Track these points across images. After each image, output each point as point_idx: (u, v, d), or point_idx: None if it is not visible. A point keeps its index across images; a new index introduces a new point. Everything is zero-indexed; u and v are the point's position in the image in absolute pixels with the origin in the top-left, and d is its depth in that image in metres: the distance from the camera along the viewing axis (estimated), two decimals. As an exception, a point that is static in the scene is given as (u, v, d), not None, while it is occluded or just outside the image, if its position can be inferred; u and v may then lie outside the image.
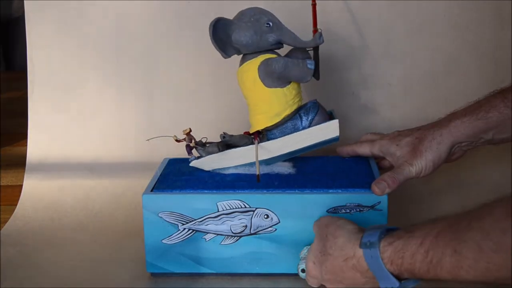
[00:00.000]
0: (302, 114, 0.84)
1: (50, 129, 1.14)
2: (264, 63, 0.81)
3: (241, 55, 0.84)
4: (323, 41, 0.83)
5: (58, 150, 1.14)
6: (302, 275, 0.78)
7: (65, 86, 1.13)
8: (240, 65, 0.84)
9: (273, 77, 0.81)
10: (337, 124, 0.84)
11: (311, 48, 0.85)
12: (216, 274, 0.83)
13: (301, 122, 0.84)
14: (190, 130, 0.82)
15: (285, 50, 0.85)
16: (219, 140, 0.83)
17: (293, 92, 0.83)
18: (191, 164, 0.86)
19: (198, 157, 0.85)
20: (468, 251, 0.57)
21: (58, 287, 0.83)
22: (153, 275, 0.84)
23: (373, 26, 1.08)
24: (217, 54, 0.80)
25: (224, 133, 0.82)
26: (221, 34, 0.80)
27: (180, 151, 0.88)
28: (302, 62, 0.81)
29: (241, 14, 0.82)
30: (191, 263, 0.83)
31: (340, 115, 0.88)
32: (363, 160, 0.90)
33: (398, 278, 0.65)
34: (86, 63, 1.13)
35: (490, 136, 0.83)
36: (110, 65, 1.13)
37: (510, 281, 0.56)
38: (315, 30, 0.86)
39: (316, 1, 0.87)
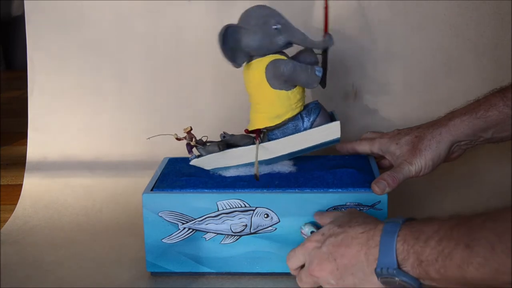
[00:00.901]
0: (303, 115, 0.84)
1: (50, 128, 1.14)
2: (273, 64, 0.80)
3: None
4: (333, 44, 0.82)
5: (58, 149, 1.14)
6: (306, 230, 0.78)
7: (65, 86, 1.14)
8: (249, 61, 0.83)
9: (280, 79, 0.81)
10: (339, 126, 0.84)
11: (320, 53, 0.85)
12: (216, 274, 0.83)
13: (303, 123, 0.84)
14: (191, 129, 0.82)
15: (293, 50, 0.85)
16: (220, 139, 0.83)
17: (297, 97, 0.83)
18: (191, 163, 0.85)
19: (198, 156, 0.85)
20: (480, 249, 0.57)
21: (58, 287, 0.83)
22: (153, 274, 0.84)
23: (373, 26, 1.08)
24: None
25: (224, 132, 0.82)
26: (231, 41, 0.79)
27: (180, 151, 0.88)
28: (311, 68, 0.81)
29: (247, 16, 0.81)
30: (191, 262, 0.83)
31: (340, 114, 0.88)
32: (363, 158, 0.90)
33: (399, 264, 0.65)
34: (86, 63, 1.13)
35: (490, 135, 0.83)
36: (110, 65, 1.13)
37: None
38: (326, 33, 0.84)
39: (327, 4, 0.85)
